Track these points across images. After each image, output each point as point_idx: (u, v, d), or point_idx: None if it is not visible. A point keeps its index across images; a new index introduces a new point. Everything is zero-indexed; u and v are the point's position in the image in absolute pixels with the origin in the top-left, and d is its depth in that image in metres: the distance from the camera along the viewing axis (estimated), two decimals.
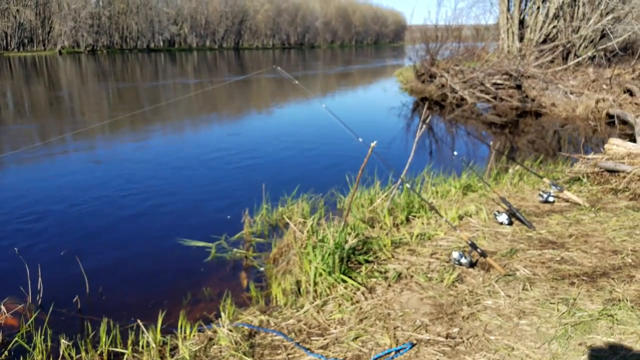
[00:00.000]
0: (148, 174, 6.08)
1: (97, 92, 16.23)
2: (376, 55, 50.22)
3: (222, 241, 3.92)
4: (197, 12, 65.83)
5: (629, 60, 13.03)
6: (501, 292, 2.46)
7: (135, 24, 58.26)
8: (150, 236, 4.25)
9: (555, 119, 10.12)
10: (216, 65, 32.98)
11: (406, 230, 3.42)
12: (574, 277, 2.59)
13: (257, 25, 77.11)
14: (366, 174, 4.67)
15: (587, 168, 4.40)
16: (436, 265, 2.84)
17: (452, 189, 4.43)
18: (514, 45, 14.66)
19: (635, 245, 2.98)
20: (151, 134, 9.24)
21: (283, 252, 3.49)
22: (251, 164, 6.61)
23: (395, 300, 2.47)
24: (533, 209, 3.79)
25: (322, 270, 2.61)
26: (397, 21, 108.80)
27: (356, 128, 9.57)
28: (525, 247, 3.01)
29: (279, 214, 4.40)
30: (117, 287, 3.37)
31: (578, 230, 3.26)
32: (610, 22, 13.05)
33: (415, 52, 15.68)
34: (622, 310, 2.22)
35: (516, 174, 4.67)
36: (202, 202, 5.09)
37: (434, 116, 11.18)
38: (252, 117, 11.67)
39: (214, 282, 3.37)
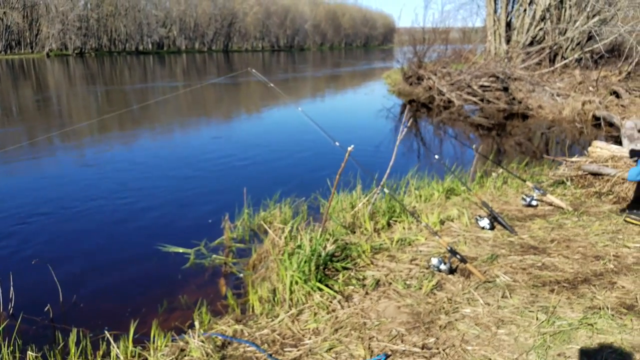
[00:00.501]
0: (126, 179, 5.97)
1: (83, 95, 16.05)
2: (365, 57, 50.29)
3: (201, 247, 3.84)
4: (186, 14, 65.57)
5: (615, 62, 13.10)
6: (480, 299, 2.40)
7: (124, 27, 57.90)
8: (128, 242, 4.15)
9: (542, 121, 10.14)
10: (205, 67, 32.81)
11: (387, 235, 3.36)
12: (554, 284, 2.54)
13: (246, 27, 76.95)
14: (350, 177, 4.63)
15: (571, 171, 4.37)
16: (416, 271, 2.77)
17: (435, 193, 4.38)
18: (501, 48, 14.69)
19: (617, 250, 2.94)
20: (131, 138, 9.11)
21: (262, 259, 3.42)
22: (233, 168, 6.53)
23: (372, 308, 2.40)
24: (516, 213, 3.75)
25: (297, 279, 2.54)
26: (386, 24, 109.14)
27: (343, 131, 9.52)
28: (507, 253, 2.96)
29: (260, 218, 4.32)
30: (92, 295, 3.28)
31: (560, 235, 3.21)
32: (596, 24, 13.12)
33: (403, 54, 15.68)
34: (602, 319, 2.17)
35: (500, 178, 4.62)
36: (182, 206, 5.00)
37: (422, 118, 11.16)
38: (236, 121, 11.58)
39: (192, 290, 3.29)
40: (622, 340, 2.02)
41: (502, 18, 15.03)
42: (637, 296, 2.39)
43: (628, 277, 2.58)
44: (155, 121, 11.08)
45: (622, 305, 2.31)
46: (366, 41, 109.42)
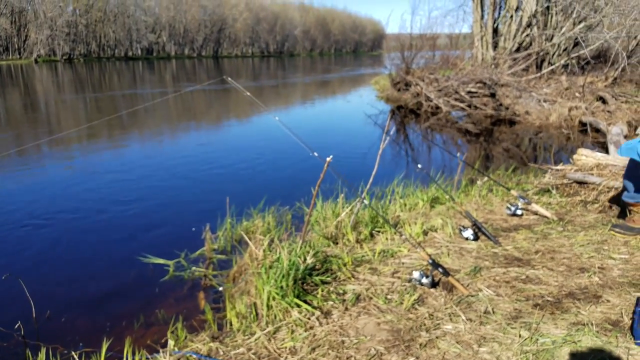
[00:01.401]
0: (105, 188, 5.86)
1: (71, 101, 15.88)
2: (355, 63, 50.43)
3: (181, 259, 3.75)
4: (176, 20, 65.44)
5: (601, 68, 13.19)
6: (462, 315, 2.33)
7: (113, 32, 57.65)
8: (106, 254, 4.04)
9: (529, 127, 10.15)
10: (194, 73, 32.67)
11: (369, 247, 3.29)
12: (538, 298, 2.48)
13: (236, 33, 76.94)
14: (336, 185, 4.56)
15: (556, 179, 4.33)
16: (397, 285, 2.70)
17: (420, 202, 4.32)
18: (488, 54, 14.74)
19: (602, 261, 2.89)
20: (113, 146, 8.99)
21: (242, 271, 3.33)
22: (217, 176, 6.45)
23: (351, 325, 2.32)
24: (501, 223, 3.69)
25: (275, 294, 2.46)
26: (375, 30, 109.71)
27: (329, 138, 9.47)
28: (490, 265, 2.90)
29: (243, 228, 4.23)
30: (67, 309, 3.17)
31: (545, 245, 3.16)
32: (582, 30, 13.21)
33: (391, 60, 15.70)
34: (586, 336, 2.10)
35: (485, 186, 4.57)
36: (163, 216, 4.91)
37: (410, 124, 11.14)
38: (221, 128, 11.49)
39: (170, 304, 3.20)
40: (607, 359, 1.96)
41: (489, 24, 15.09)
42: (622, 311, 2.33)
43: (613, 291, 2.53)
44: (139, 128, 10.96)
45: (607, 321, 2.25)
46: (356, 47, 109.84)
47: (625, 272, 2.74)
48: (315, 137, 9.35)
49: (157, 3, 64.11)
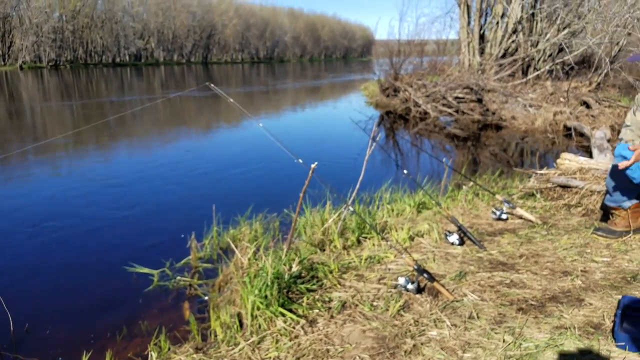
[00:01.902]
0: (88, 196, 5.82)
1: (57, 108, 15.76)
2: (345, 69, 50.60)
3: (166, 268, 3.72)
4: (164, 26, 65.31)
5: (585, 73, 13.36)
6: (447, 321, 2.34)
7: (100, 38, 57.36)
8: (88, 264, 3.99)
9: (515, 131, 10.24)
10: (184, 79, 32.58)
11: (356, 253, 3.29)
12: (522, 302, 2.50)
13: (225, 39, 76.93)
14: (325, 191, 4.56)
15: (540, 183, 4.37)
16: (383, 291, 2.71)
17: (407, 207, 4.33)
18: (474, 60, 14.87)
19: (585, 265, 2.92)
20: (99, 153, 8.93)
21: (228, 280, 3.32)
22: (204, 183, 6.43)
23: (337, 333, 2.32)
24: (486, 227, 3.72)
25: (259, 304, 2.45)
26: (365, 36, 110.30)
27: (318, 144, 9.47)
28: (475, 270, 2.92)
29: (230, 236, 4.21)
30: (48, 322, 3.12)
31: (529, 249, 3.18)
32: (566, 36, 13.38)
33: (380, 66, 15.79)
34: (569, 340, 2.12)
35: (471, 191, 4.60)
36: (149, 224, 4.88)
37: (399, 130, 11.19)
38: (209, 134, 11.46)
39: (153, 314, 3.17)
40: None
41: (476, 31, 15.24)
42: (604, 314, 2.35)
43: (595, 294, 2.55)
44: (125, 135, 10.90)
45: (589, 324, 2.27)
46: (345, 53, 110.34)
47: (607, 275, 2.77)
48: (304, 143, 9.36)
49: (145, 9, 63.99)
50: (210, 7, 73.35)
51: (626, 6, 11.17)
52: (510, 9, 14.48)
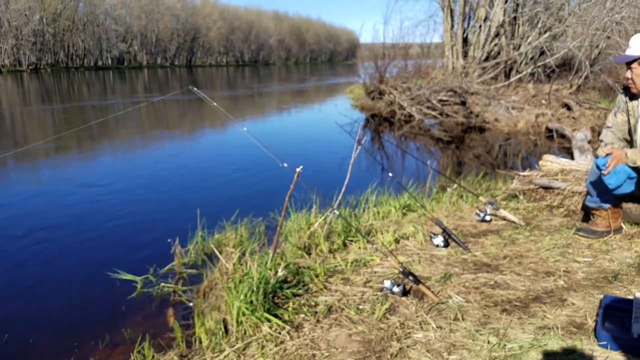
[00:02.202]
0: (69, 201, 5.75)
1: (38, 112, 15.55)
2: (330, 72, 50.72)
3: (149, 274, 3.68)
4: (147, 29, 64.85)
5: (566, 76, 13.56)
6: (432, 323, 2.35)
7: (82, 42, 56.77)
8: (70, 271, 3.93)
9: (498, 133, 10.35)
10: (168, 82, 32.37)
11: (342, 256, 3.29)
12: (506, 303, 2.52)
13: (209, 42, 76.62)
14: (312, 194, 4.56)
15: (523, 185, 4.42)
16: (369, 295, 2.71)
17: (392, 210, 4.35)
18: (458, 63, 15.02)
19: (567, 265, 2.95)
20: (81, 158, 8.83)
21: (213, 286, 3.29)
22: (189, 187, 6.38)
23: (323, 338, 2.32)
24: (470, 229, 3.75)
25: (244, 309, 2.43)
26: (350, 39, 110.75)
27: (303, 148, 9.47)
28: (460, 271, 2.94)
29: (214, 241, 4.19)
30: (27, 332, 3.06)
31: (513, 251, 3.21)
32: (547, 39, 13.57)
33: (365, 69, 15.86)
34: (552, 340, 2.14)
35: (455, 193, 4.64)
36: (132, 230, 4.83)
37: (384, 133, 11.24)
38: (194, 138, 11.40)
39: (137, 322, 3.13)
40: None
41: (459, 34, 15.39)
42: (587, 313, 2.38)
43: (578, 294, 2.59)
44: (108, 140, 10.79)
45: (572, 324, 2.30)
46: (331, 56, 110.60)
47: (589, 275, 2.81)
48: (289, 147, 9.35)
49: (128, 12, 63.51)
50: (194, 10, 73.06)
51: (605, 10, 11.36)
52: (492, 12, 14.66)
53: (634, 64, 2.89)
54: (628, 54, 2.91)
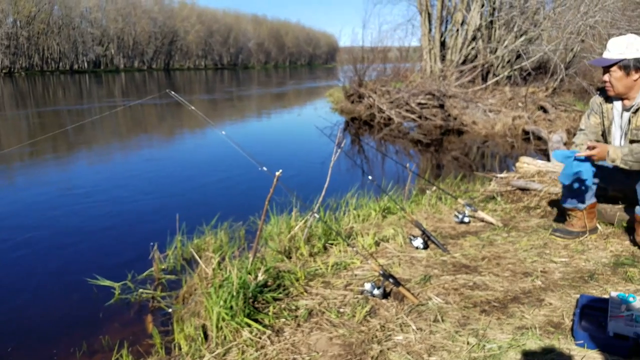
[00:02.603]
0: (46, 206, 5.64)
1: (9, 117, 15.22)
2: (310, 76, 50.79)
3: (128, 281, 3.62)
4: (124, 32, 64.10)
5: (542, 79, 13.81)
6: (412, 325, 2.36)
7: (57, 45, 55.86)
8: (45, 278, 3.85)
9: (476, 136, 10.49)
10: (145, 86, 32.02)
11: (322, 260, 3.29)
12: (485, 304, 2.54)
13: (188, 45, 76.08)
14: (292, 198, 4.54)
15: (501, 187, 4.48)
16: (350, 298, 2.71)
17: (372, 212, 4.36)
18: (436, 66, 15.18)
19: (545, 265, 3.00)
20: (57, 163, 8.67)
21: (192, 291, 3.25)
22: (168, 192, 6.31)
23: (303, 342, 2.30)
24: (449, 231, 3.78)
25: (224, 314, 2.41)
26: (329, 43, 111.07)
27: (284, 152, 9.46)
28: (439, 273, 2.96)
29: (194, 246, 4.14)
30: (5, 340, 2.97)
31: (491, 252, 3.25)
32: (523, 43, 13.80)
33: (344, 73, 15.92)
34: (531, 340, 2.17)
35: (434, 195, 4.68)
36: (110, 236, 4.75)
37: (364, 136, 11.29)
38: (169, 143, 11.30)
39: (115, 329, 3.07)
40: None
41: (437, 38, 15.56)
42: (564, 313, 2.42)
43: (555, 294, 2.62)
44: (85, 144, 10.62)
45: (550, 323, 2.33)
46: (310, 60, 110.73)
47: (566, 275, 2.85)
48: (269, 150, 9.33)
49: (104, 15, 62.73)
50: (172, 13, 72.47)
51: (579, 14, 11.61)
52: (469, 16, 14.86)
53: (612, 67, 2.94)
54: (606, 57, 2.97)
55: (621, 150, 2.93)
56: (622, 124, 3.09)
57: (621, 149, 2.94)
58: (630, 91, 2.97)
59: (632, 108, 2.98)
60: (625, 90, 2.97)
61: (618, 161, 2.93)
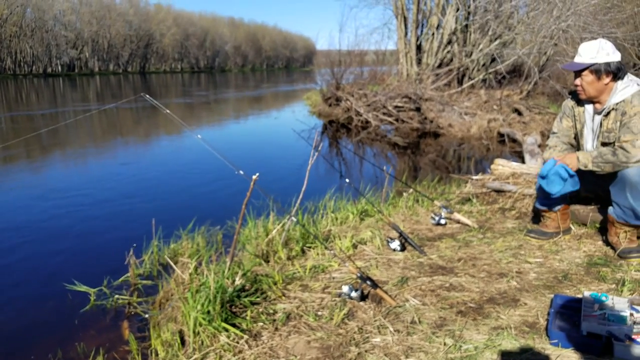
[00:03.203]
0: (18, 212, 5.50)
1: None
2: (287, 79, 50.73)
3: (103, 286, 3.56)
4: (99, 35, 63.15)
5: (516, 82, 14.07)
6: (390, 327, 2.37)
7: (30, 48, 54.76)
8: (18, 285, 3.76)
9: (452, 139, 10.61)
10: (120, 89, 31.57)
11: (300, 263, 3.28)
12: (461, 305, 2.57)
13: (164, 48, 75.31)
14: (270, 201, 4.52)
15: (476, 189, 4.54)
16: (327, 301, 2.71)
17: (350, 215, 4.37)
18: (412, 70, 15.33)
19: (519, 266, 3.04)
20: (30, 167, 8.48)
21: (169, 297, 3.21)
22: (142, 197, 6.23)
23: (282, 346, 2.29)
24: (426, 233, 3.81)
25: (201, 319, 2.38)
26: (306, 46, 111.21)
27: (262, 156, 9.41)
28: (416, 275, 2.98)
29: (170, 251, 4.10)
30: None
31: (467, 253, 3.29)
32: (498, 47, 14.04)
33: (322, 76, 15.96)
34: (506, 340, 2.20)
35: (411, 197, 4.71)
36: (83, 242, 4.66)
37: (342, 139, 11.32)
38: (145, 147, 11.16)
39: (90, 336, 3.02)
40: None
41: (413, 41, 15.72)
42: (538, 313, 2.46)
43: (530, 294, 2.67)
44: (59, 148, 10.41)
45: (525, 323, 2.36)
46: (288, 63, 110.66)
47: (540, 275, 2.90)
48: (246, 154, 9.28)
49: (78, 17, 61.71)
50: (147, 16, 71.68)
51: (552, 18, 11.87)
52: (445, 20, 15.06)
53: (584, 71, 3.00)
54: (578, 61, 3.02)
55: (590, 154, 3.00)
56: (593, 127, 3.16)
57: (590, 153, 3.01)
58: (601, 95, 3.04)
59: (603, 111, 3.05)
60: (597, 93, 3.04)
61: (590, 165, 3.00)
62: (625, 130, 2.92)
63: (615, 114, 2.99)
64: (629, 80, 2.98)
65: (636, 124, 2.88)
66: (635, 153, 2.87)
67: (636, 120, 2.89)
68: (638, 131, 2.87)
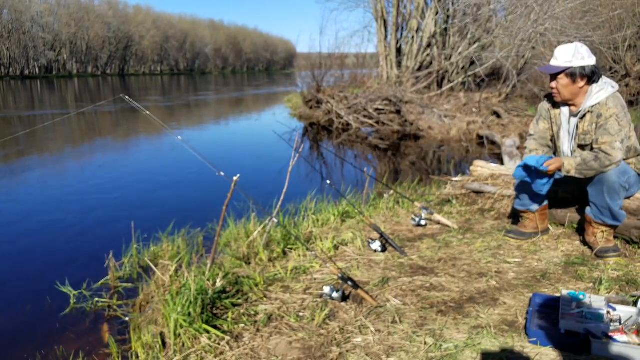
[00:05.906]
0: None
1: None
2: (268, 81, 50.62)
3: (83, 289, 3.51)
4: (77, 37, 62.24)
5: (495, 85, 14.26)
6: (371, 327, 2.38)
7: (7, 50, 53.74)
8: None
9: (432, 141, 10.71)
10: (99, 91, 31.15)
11: (281, 264, 3.28)
12: (442, 305, 2.60)
13: (143, 51, 74.57)
14: (251, 203, 4.50)
15: (456, 190, 4.59)
16: (309, 301, 2.71)
17: (331, 217, 4.38)
18: (392, 72, 15.44)
19: (499, 266, 3.08)
20: (6, 170, 8.32)
21: (149, 299, 3.18)
22: (122, 200, 6.15)
23: (263, 347, 2.29)
24: (407, 234, 3.84)
25: (182, 321, 2.36)
26: (287, 49, 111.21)
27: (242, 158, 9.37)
28: (397, 275, 3.00)
29: (151, 253, 4.05)
30: None
31: (447, 253, 3.32)
32: (477, 50, 14.22)
33: (303, 79, 15.97)
34: (486, 339, 2.23)
35: (392, 199, 4.74)
36: (62, 245, 4.59)
37: (323, 141, 11.34)
38: (124, 150, 11.03)
39: (70, 339, 2.96)
40: (505, 358, 2.08)
41: (393, 44, 15.83)
42: (517, 312, 2.49)
43: (509, 293, 2.71)
44: (36, 151, 10.22)
45: (504, 322, 2.40)
46: (268, 65, 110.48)
47: (519, 275, 2.94)
48: (227, 156, 9.24)
49: (56, 19, 60.75)
50: (126, 18, 70.90)
51: (530, 22, 12.06)
52: (424, 23, 15.21)
53: (560, 75, 3.05)
54: (553, 64, 3.07)
55: (574, 160, 3.04)
56: (570, 129, 3.22)
57: (574, 160, 3.05)
58: (577, 98, 3.10)
59: (579, 114, 3.11)
60: (572, 96, 3.09)
61: (573, 172, 3.04)
62: (602, 132, 2.98)
63: (591, 117, 3.05)
64: (603, 83, 3.05)
65: (613, 126, 2.95)
66: (615, 155, 2.93)
67: (612, 122, 2.95)
68: (615, 132, 2.94)
